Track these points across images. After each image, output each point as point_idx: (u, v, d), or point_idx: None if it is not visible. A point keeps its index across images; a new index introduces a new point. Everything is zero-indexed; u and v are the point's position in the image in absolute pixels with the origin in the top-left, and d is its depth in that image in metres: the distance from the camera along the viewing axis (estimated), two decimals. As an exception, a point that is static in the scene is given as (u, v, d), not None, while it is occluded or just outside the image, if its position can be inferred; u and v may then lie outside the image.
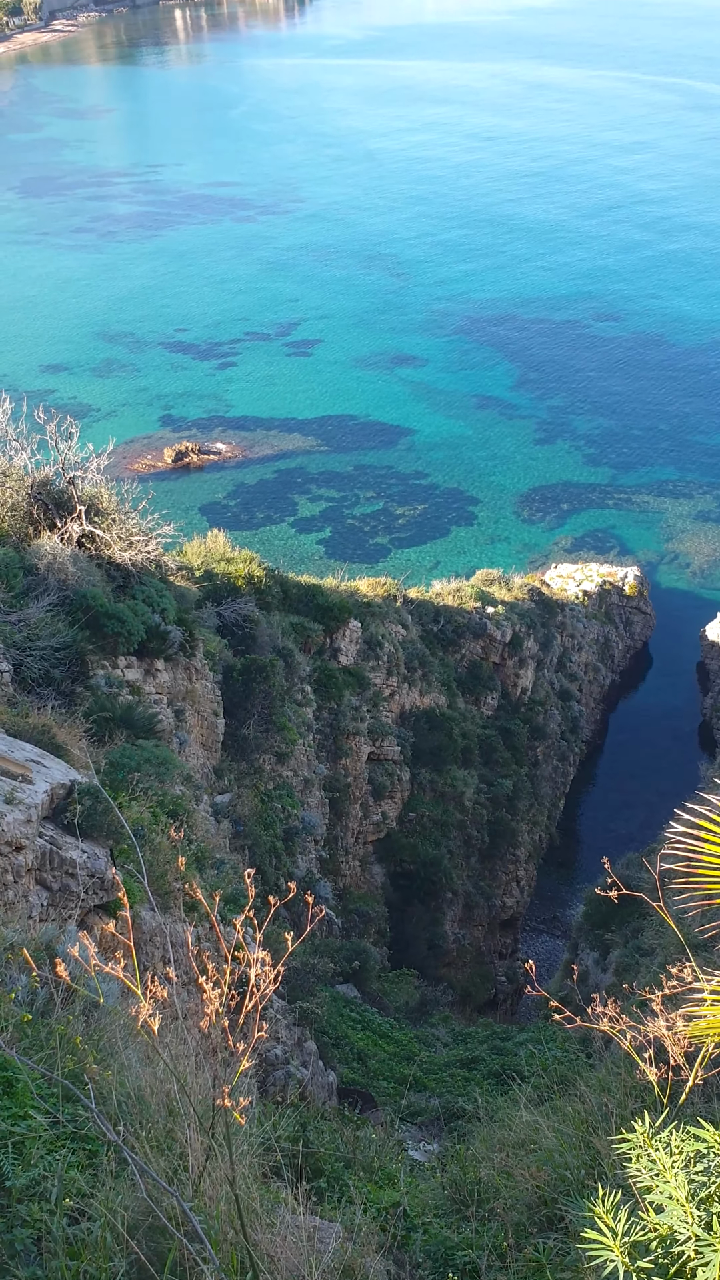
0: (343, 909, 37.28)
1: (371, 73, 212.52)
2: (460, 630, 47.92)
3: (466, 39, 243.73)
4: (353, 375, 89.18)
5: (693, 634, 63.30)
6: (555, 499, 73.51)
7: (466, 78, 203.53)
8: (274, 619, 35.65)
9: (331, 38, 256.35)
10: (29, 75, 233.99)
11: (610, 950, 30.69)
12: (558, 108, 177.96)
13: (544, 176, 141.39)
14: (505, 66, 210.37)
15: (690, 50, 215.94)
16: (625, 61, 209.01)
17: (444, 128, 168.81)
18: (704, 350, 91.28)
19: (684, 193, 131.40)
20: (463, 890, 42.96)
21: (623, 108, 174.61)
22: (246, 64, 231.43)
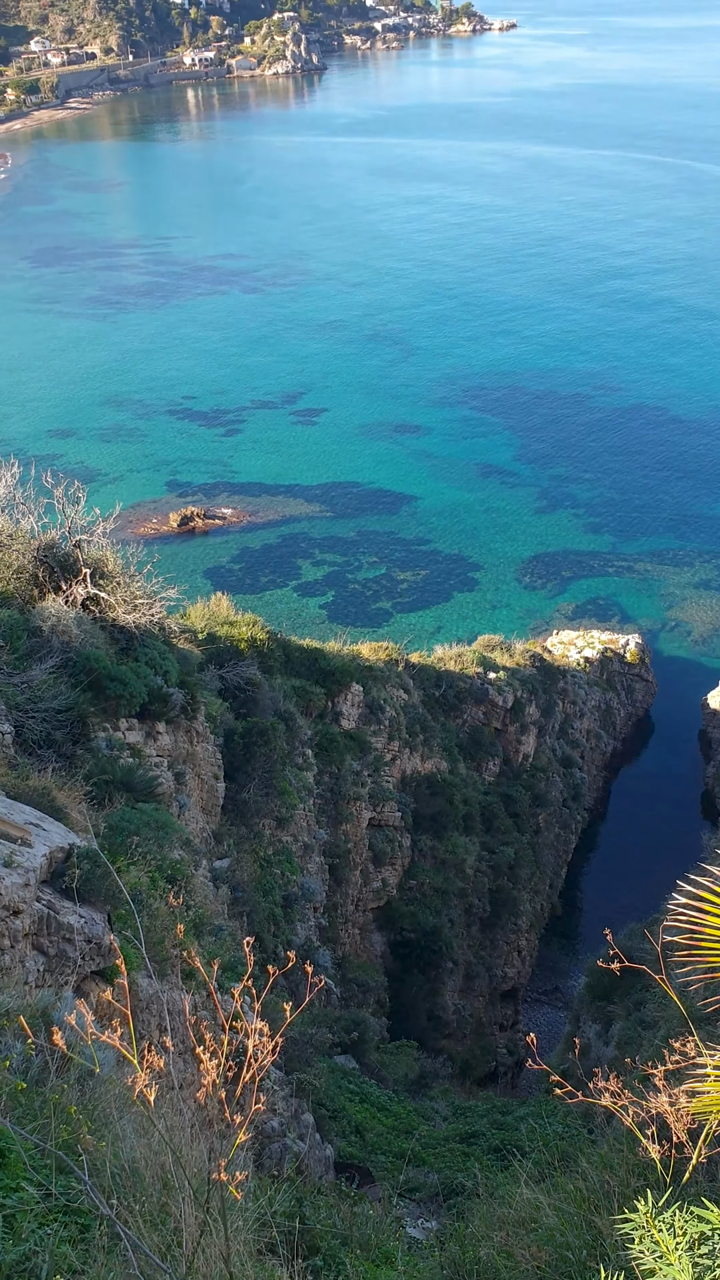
0: (342, 978, 36.75)
1: (378, 150, 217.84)
2: (462, 695, 47.87)
3: (471, 119, 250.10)
4: (357, 443, 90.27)
5: (694, 702, 63.21)
6: (557, 566, 73.91)
7: (471, 156, 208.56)
8: (276, 682, 35.62)
9: (339, 116, 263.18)
10: (44, 150, 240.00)
11: (612, 1023, 30.19)
12: (559, 185, 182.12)
13: (547, 251, 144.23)
14: (507, 145, 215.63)
15: (687, 132, 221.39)
16: (622, 142, 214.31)
17: (448, 203, 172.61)
18: (703, 422, 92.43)
19: (684, 270, 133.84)
20: (463, 960, 42.40)
21: (622, 186, 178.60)
22: (256, 140, 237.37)
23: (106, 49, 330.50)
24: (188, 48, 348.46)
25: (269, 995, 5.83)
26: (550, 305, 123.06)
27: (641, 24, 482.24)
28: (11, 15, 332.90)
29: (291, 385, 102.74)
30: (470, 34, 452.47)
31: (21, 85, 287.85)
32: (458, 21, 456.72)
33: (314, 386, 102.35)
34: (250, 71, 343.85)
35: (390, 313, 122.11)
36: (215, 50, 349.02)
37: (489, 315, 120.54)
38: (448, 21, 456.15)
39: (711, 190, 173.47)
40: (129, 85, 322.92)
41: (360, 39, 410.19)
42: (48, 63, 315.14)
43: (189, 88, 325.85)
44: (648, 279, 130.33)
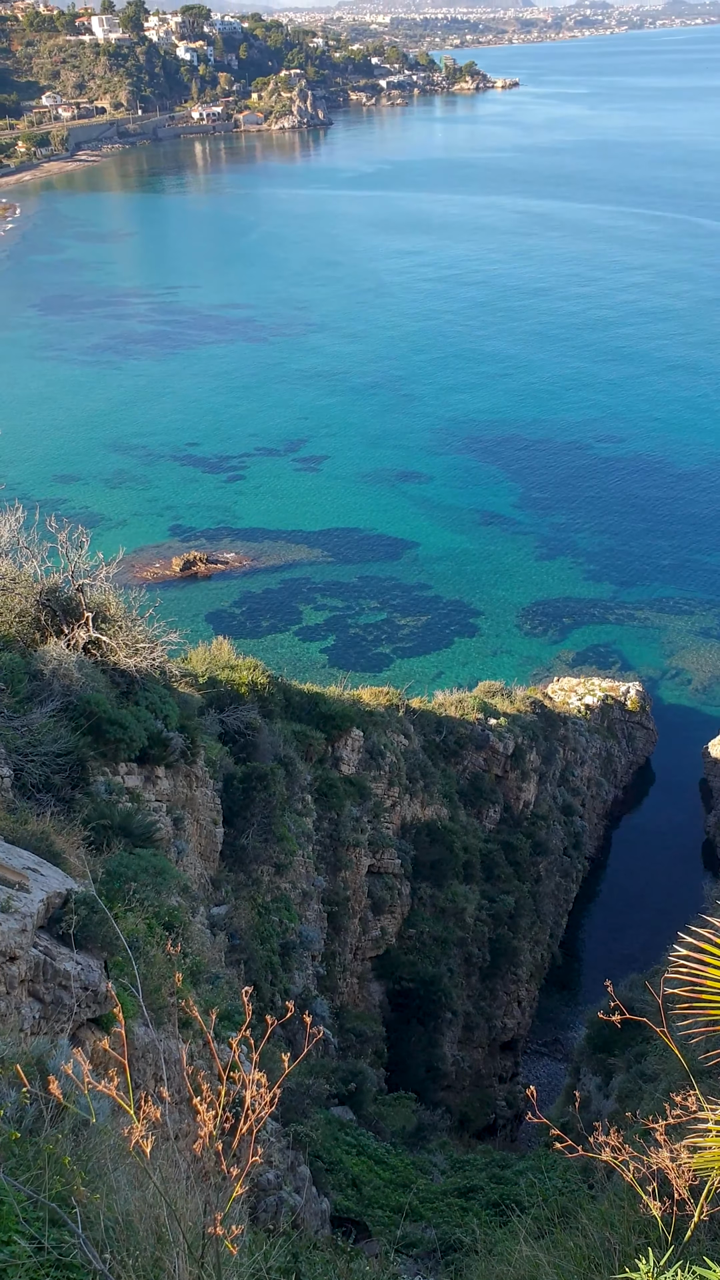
0: (339, 1028, 36.34)
1: (381, 203, 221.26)
2: (462, 741, 47.74)
3: (472, 174, 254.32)
4: (359, 490, 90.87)
5: (695, 750, 63.06)
6: (557, 613, 74.08)
7: (472, 209, 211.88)
8: (276, 726, 35.57)
9: (344, 170, 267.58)
10: (53, 200, 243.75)
11: (613, 1075, 29.80)
12: (559, 237, 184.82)
13: (546, 302, 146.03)
14: (508, 199, 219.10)
15: (684, 188, 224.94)
16: (621, 197, 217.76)
17: (449, 255, 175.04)
18: (702, 472, 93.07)
19: (681, 321, 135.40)
20: (462, 1010, 41.93)
21: (620, 239, 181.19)
22: (261, 193, 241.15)
23: (116, 104, 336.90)
24: (196, 103, 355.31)
25: (266, 1045, 5.79)
26: (549, 355, 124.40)
27: (641, 83, 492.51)
28: (24, 71, 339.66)
29: (294, 432, 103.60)
30: (473, 91, 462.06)
31: (32, 138, 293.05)
32: (461, 79, 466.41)
33: (316, 434, 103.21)
34: (257, 126, 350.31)
35: (392, 362, 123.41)
36: (223, 105, 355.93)
37: (489, 365, 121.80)
38: (451, 79, 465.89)
39: (707, 243, 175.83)
40: (137, 139, 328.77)
41: (365, 95, 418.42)
42: (58, 116, 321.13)
43: (196, 141, 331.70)
44: (646, 330, 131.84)
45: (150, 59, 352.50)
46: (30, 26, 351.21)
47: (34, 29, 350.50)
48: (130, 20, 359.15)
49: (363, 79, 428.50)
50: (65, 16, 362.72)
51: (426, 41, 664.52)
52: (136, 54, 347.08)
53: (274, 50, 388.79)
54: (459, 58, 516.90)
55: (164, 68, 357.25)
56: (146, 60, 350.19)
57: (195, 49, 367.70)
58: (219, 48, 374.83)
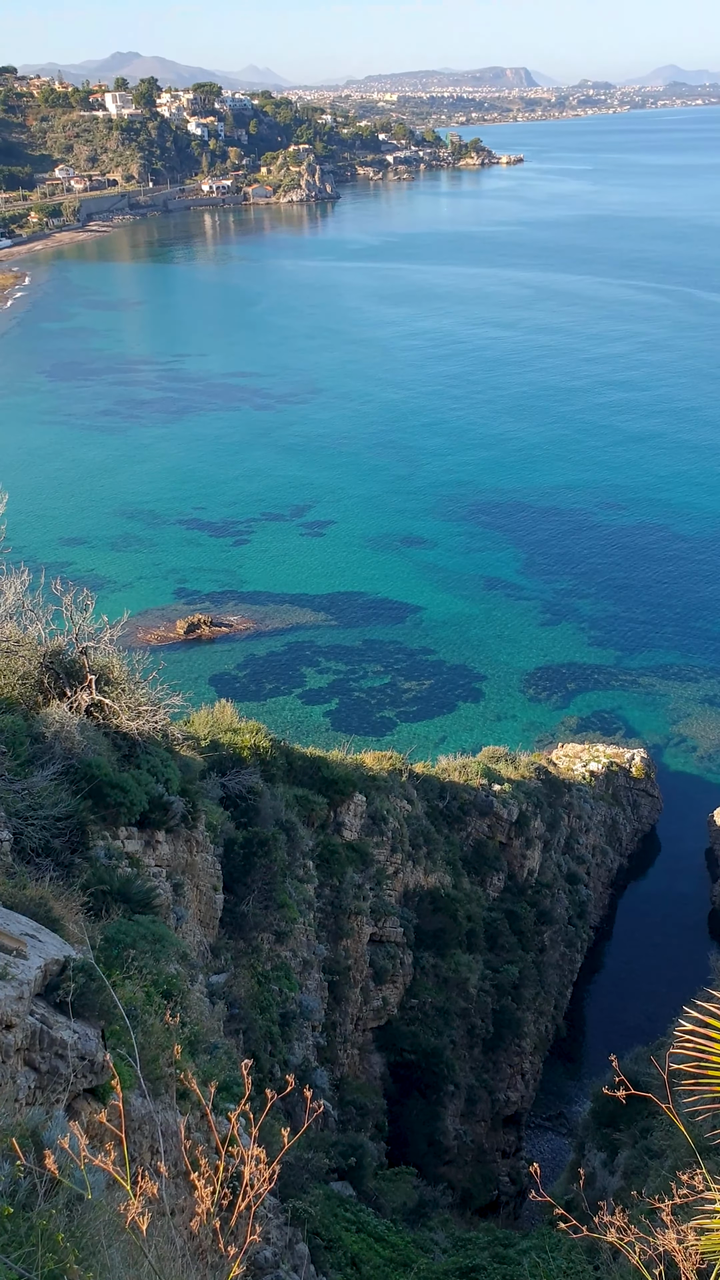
0: (339, 1100, 35.69)
1: (387, 275, 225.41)
2: (466, 807, 47.43)
3: (478, 246, 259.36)
4: (363, 554, 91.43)
5: (700, 819, 62.62)
6: (561, 679, 74.04)
7: (477, 281, 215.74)
8: (278, 790, 35.39)
9: (351, 242, 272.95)
10: (64, 269, 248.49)
11: (618, 1151, 29.19)
12: (563, 308, 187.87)
13: (550, 372, 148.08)
14: (513, 271, 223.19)
15: (684, 261, 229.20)
16: (623, 269, 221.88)
17: (454, 325, 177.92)
18: (705, 539, 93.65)
19: (684, 392, 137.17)
20: (465, 1083, 41.16)
21: (627, 310, 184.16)
22: (270, 264, 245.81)
23: (127, 176, 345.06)
24: (206, 176, 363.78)
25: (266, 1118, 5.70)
26: (553, 424, 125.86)
27: (642, 160, 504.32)
28: (39, 145, 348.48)
29: (300, 498, 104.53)
30: (479, 167, 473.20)
31: (44, 209, 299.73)
32: (466, 155, 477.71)
33: (322, 499, 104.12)
34: (266, 199, 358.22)
35: (397, 428, 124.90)
36: (232, 178, 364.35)
37: (492, 431, 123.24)
38: (457, 155, 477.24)
39: (711, 317, 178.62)
40: (148, 210, 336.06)
41: (372, 170, 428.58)
42: (70, 188, 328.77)
43: (206, 213, 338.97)
44: (648, 400, 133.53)
45: (162, 133, 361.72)
46: (45, 102, 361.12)
47: (49, 105, 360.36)
48: (143, 97, 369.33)
49: (370, 154, 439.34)
50: (80, 93, 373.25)
51: (433, 119, 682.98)
52: (148, 129, 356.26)
53: (283, 126, 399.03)
54: (465, 134, 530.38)
55: (175, 142, 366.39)
56: (158, 135, 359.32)
57: (206, 124, 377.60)
58: (229, 123, 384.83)
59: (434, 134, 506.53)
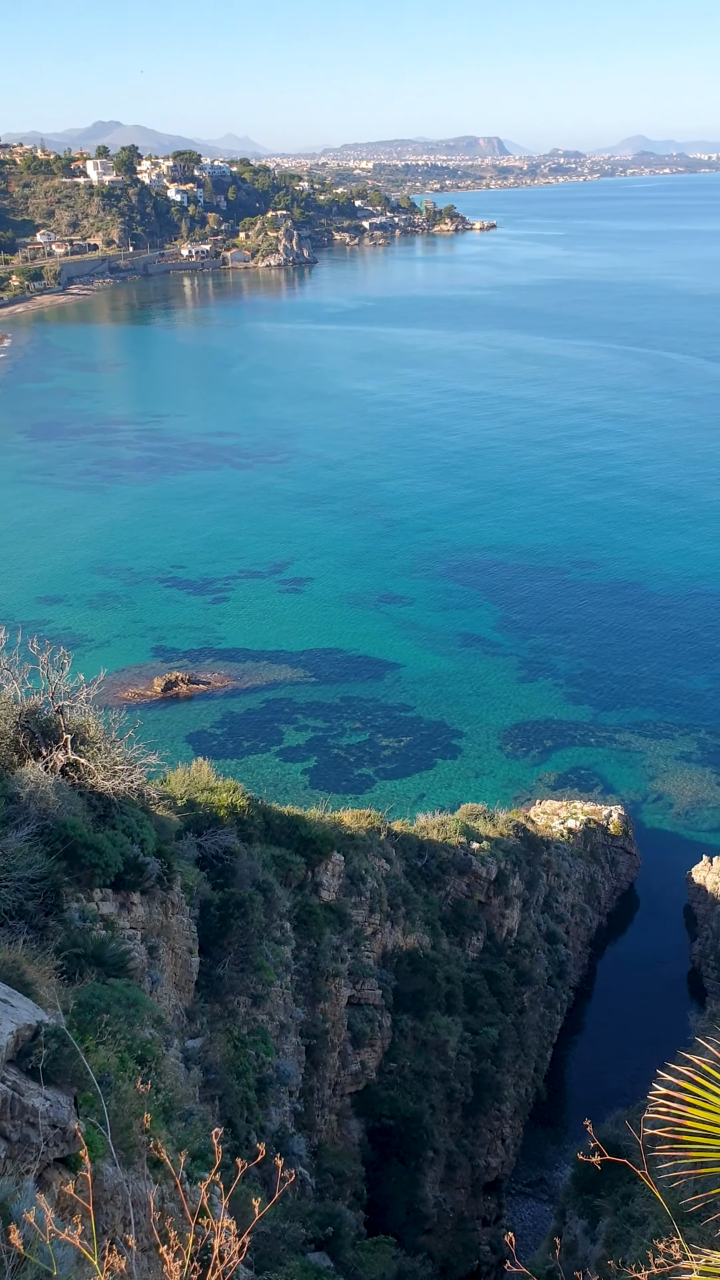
0: (317, 1168, 35.01)
1: (364, 337, 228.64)
2: (445, 866, 47.12)
3: (451, 310, 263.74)
4: (341, 612, 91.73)
5: (679, 876, 62.45)
6: (538, 735, 74.13)
7: (451, 344, 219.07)
8: (255, 850, 35.08)
9: (328, 306, 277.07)
10: (45, 332, 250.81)
11: (600, 1218, 28.67)
12: (535, 370, 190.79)
13: (525, 433, 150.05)
14: (487, 334, 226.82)
15: (654, 324, 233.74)
16: (594, 332, 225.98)
17: (431, 388, 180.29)
18: (676, 597, 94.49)
19: (655, 452, 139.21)
20: (444, 1149, 40.46)
21: (596, 373, 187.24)
22: (248, 326, 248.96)
23: (108, 241, 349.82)
24: (185, 240, 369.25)
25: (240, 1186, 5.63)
26: (527, 483, 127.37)
27: (612, 226, 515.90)
28: (20, 210, 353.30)
29: (278, 556, 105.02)
30: (452, 233, 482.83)
31: (26, 272, 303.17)
32: (441, 221, 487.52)
33: (300, 557, 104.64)
34: (244, 263, 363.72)
35: (374, 489, 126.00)
36: (211, 243, 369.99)
37: (468, 490, 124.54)
38: (431, 221, 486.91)
39: (681, 377, 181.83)
40: (128, 274, 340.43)
41: (349, 235, 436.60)
42: (51, 253, 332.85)
43: (186, 277, 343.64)
44: (621, 462, 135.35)
45: (142, 199, 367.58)
46: (28, 169, 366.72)
47: (31, 171, 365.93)
48: (124, 164, 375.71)
49: (346, 220, 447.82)
50: (61, 160, 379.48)
51: (408, 186, 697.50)
52: (129, 195, 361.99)
53: (261, 192, 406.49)
54: (439, 201, 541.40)
55: (155, 208, 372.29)
56: (138, 200, 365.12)
57: (186, 190, 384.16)
58: (208, 190, 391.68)
59: (409, 201, 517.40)
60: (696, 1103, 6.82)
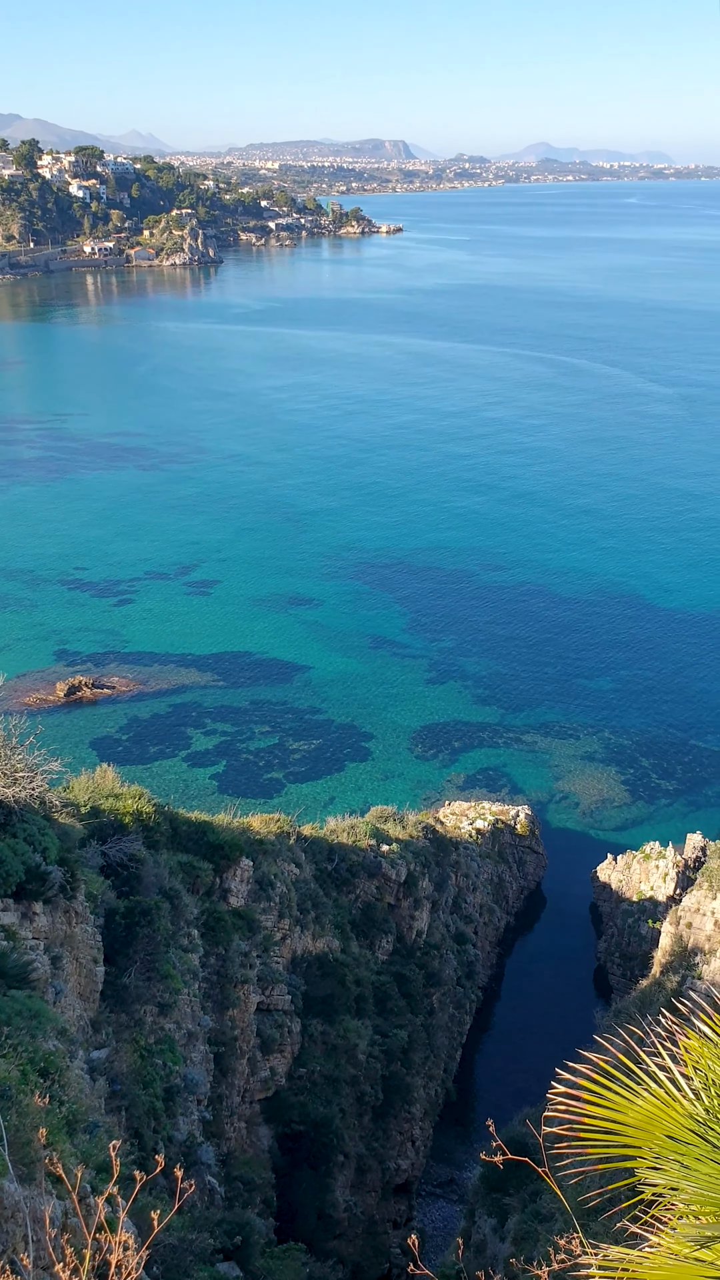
0: (226, 1176, 34.67)
1: (270, 338, 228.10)
2: (354, 869, 47.10)
3: (359, 312, 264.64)
4: (250, 614, 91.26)
5: (584, 874, 63.46)
6: (447, 736, 74.69)
7: (358, 346, 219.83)
8: (161, 857, 34.64)
9: (234, 306, 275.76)
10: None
11: (509, 1216, 28.95)
12: (444, 374, 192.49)
13: (430, 435, 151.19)
14: (393, 337, 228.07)
15: (557, 329, 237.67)
16: (498, 336, 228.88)
17: (338, 389, 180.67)
18: (582, 599, 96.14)
19: (560, 457, 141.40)
20: (354, 1153, 40.46)
21: (502, 377, 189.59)
22: (153, 326, 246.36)
23: (8, 236, 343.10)
24: (88, 238, 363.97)
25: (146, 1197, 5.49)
26: (433, 485, 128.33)
27: (516, 232, 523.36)
28: None
29: (185, 557, 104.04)
30: (359, 235, 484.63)
31: None
32: (347, 224, 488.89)
33: (207, 558, 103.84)
34: (149, 261, 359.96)
35: (283, 491, 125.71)
36: (115, 241, 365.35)
37: (376, 493, 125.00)
38: (338, 223, 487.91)
39: (583, 382, 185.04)
40: (29, 270, 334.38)
41: (255, 236, 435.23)
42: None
43: (88, 274, 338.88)
44: (526, 464, 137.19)
45: (43, 195, 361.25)
46: None
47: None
48: (24, 158, 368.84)
49: (252, 220, 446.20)
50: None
51: (314, 187, 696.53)
52: (29, 189, 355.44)
53: (166, 190, 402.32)
54: (345, 203, 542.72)
55: (56, 203, 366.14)
56: (39, 195, 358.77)
57: (88, 187, 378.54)
58: (111, 186, 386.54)
59: (315, 202, 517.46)
60: (594, 1100, 6.83)
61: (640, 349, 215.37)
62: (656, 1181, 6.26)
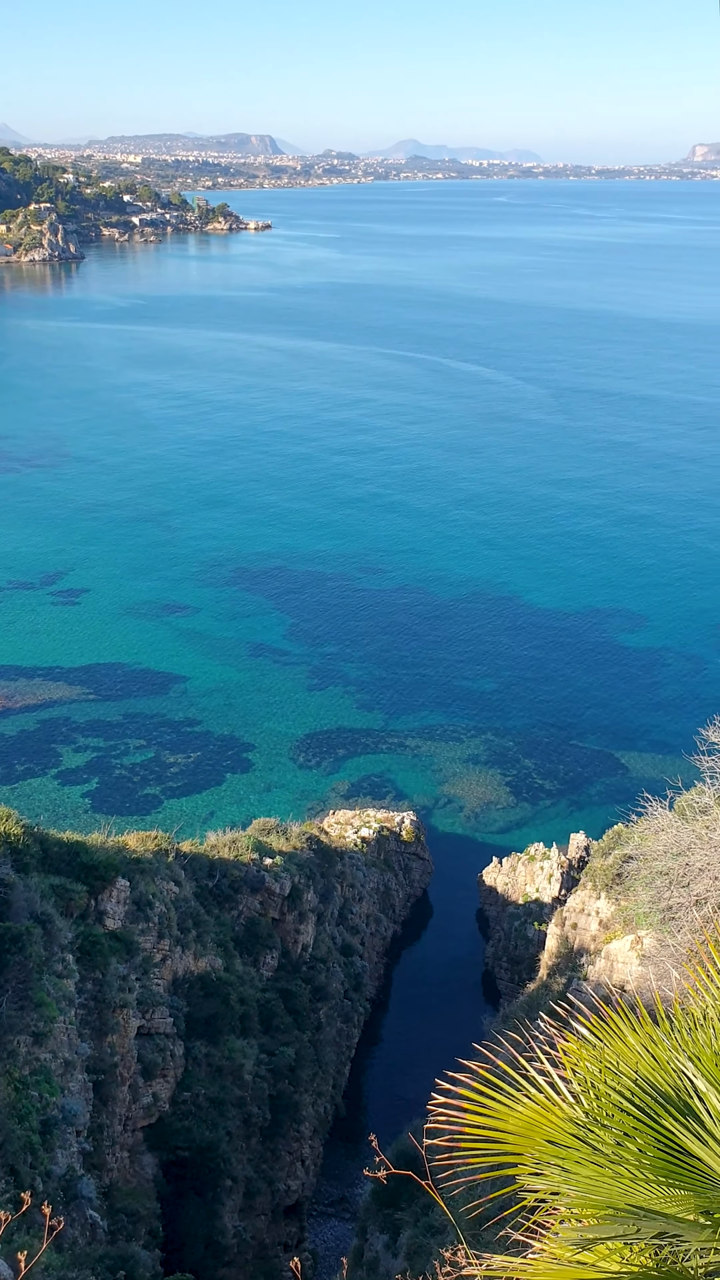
0: (109, 1208, 33.21)
1: (136, 337, 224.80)
2: (237, 884, 45.96)
3: (227, 311, 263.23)
4: (122, 623, 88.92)
5: (470, 879, 63.37)
6: (331, 744, 73.97)
7: (228, 345, 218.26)
8: (32, 881, 33.07)
9: (99, 303, 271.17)
10: None
11: (401, 1231, 28.19)
12: (317, 374, 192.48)
13: (305, 436, 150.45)
14: (263, 337, 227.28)
15: (428, 330, 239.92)
16: (371, 336, 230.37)
17: (208, 389, 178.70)
18: (460, 601, 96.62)
19: (436, 461, 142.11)
20: (243, 1176, 39.23)
21: (376, 377, 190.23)
22: (11, 324, 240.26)
23: None
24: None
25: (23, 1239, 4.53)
26: (310, 488, 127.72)
27: (386, 230, 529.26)
28: None
29: (51, 565, 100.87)
30: (227, 232, 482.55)
31: None
32: (214, 220, 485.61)
33: (75, 567, 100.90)
34: (5, 258, 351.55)
35: (153, 495, 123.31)
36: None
37: (250, 496, 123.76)
38: (205, 219, 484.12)
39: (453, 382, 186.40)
40: None
41: (118, 231, 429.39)
42: None
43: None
44: (403, 468, 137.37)
45: None
46: None
47: None
48: None
49: (115, 215, 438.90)
50: None
51: (179, 182, 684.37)
52: None
53: (23, 184, 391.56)
54: (212, 199, 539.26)
55: None
56: None
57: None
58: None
59: (180, 197, 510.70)
60: (475, 1108, 6.81)
61: (508, 349, 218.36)
62: (539, 1187, 6.30)
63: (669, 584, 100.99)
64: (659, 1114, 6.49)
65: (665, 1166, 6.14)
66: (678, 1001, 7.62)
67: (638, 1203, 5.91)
